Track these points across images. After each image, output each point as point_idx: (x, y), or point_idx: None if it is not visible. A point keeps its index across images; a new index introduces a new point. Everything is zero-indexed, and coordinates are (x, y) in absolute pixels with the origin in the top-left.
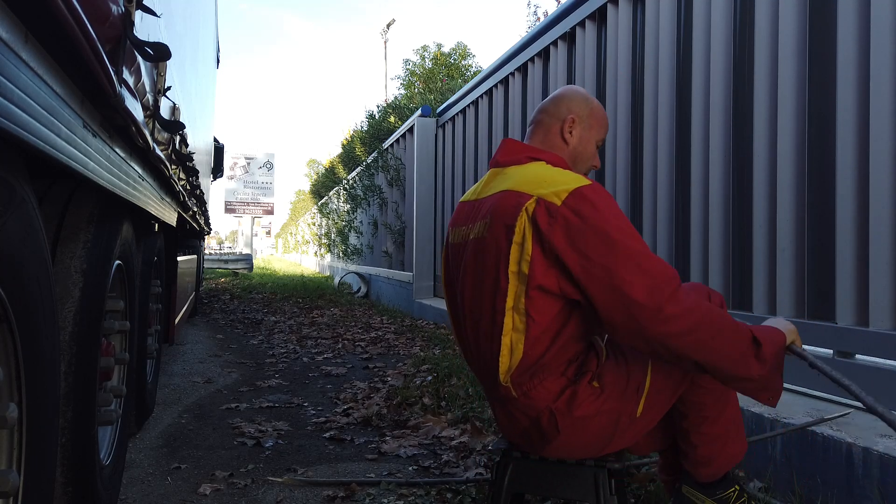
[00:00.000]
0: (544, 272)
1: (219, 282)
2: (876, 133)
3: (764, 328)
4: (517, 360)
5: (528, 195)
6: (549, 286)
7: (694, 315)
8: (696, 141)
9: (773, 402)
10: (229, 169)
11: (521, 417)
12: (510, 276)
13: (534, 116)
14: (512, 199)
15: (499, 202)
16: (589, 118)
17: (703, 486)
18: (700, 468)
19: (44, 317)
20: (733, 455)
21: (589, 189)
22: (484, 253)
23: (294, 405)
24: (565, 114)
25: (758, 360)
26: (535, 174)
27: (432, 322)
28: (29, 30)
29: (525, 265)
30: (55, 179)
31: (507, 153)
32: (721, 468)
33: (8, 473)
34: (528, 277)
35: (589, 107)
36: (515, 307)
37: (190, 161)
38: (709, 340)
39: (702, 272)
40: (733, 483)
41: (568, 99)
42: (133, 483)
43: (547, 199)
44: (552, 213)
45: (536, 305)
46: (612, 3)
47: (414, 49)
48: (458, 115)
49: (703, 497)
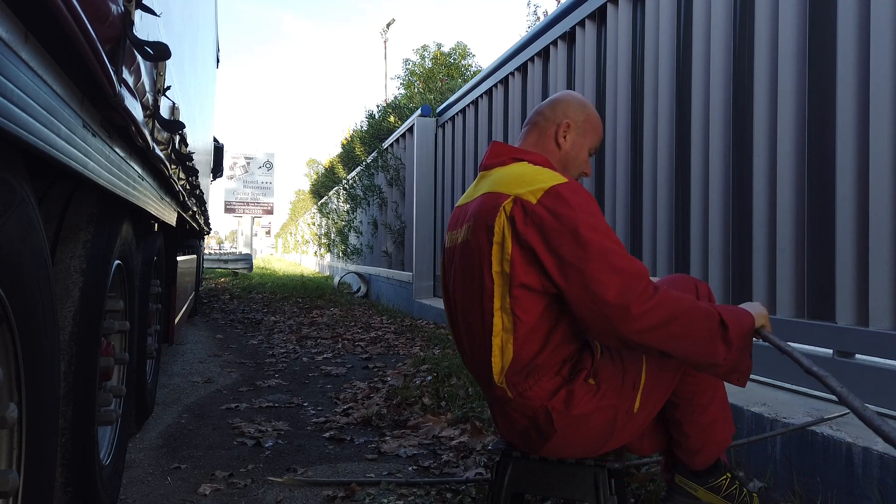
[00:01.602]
0: (525, 270)
1: (218, 282)
2: (876, 133)
3: (733, 309)
4: (509, 360)
5: (507, 195)
6: (531, 284)
7: (663, 310)
8: (696, 141)
9: (743, 383)
10: (229, 169)
11: (519, 417)
12: (494, 277)
13: (529, 117)
14: (492, 199)
15: (480, 204)
16: (584, 124)
17: (695, 475)
18: (693, 456)
19: (44, 317)
20: (723, 440)
21: (564, 187)
22: (470, 255)
23: (294, 405)
24: (561, 118)
25: (725, 343)
26: (514, 174)
27: (432, 322)
28: (29, 30)
29: (507, 265)
30: (55, 179)
31: (493, 155)
32: (713, 454)
33: (8, 473)
34: (511, 276)
35: (585, 113)
36: (503, 307)
37: (190, 161)
38: (678, 333)
39: (702, 272)
40: (724, 471)
41: (565, 104)
42: (133, 483)
43: (523, 197)
44: (528, 211)
45: (522, 304)
46: (612, 3)
47: (414, 49)
48: (458, 114)
49: (695, 486)
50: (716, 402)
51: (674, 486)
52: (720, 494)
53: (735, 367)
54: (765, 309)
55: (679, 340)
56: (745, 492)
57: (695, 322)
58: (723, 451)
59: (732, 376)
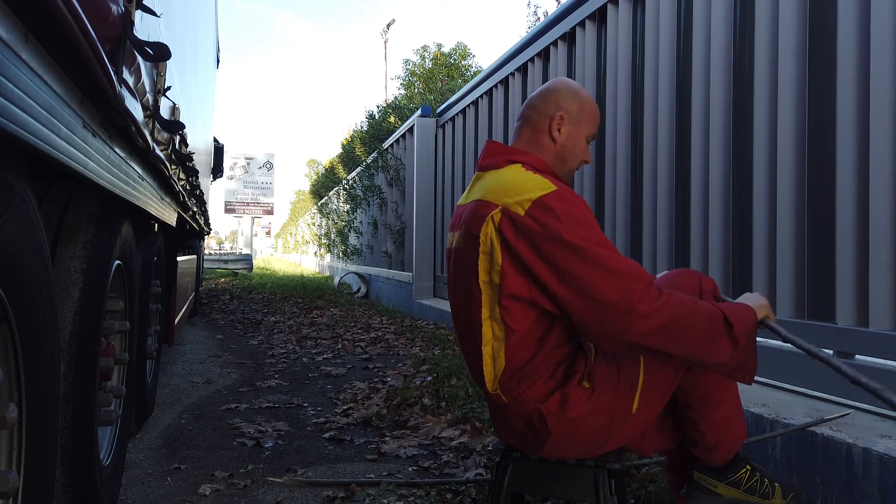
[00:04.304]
0: (515, 281)
1: (218, 282)
2: (876, 133)
3: (735, 306)
4: (501, 367)
5: (495, 205)
6: (521, 294)
7: (667, 311)
8: (696, 141)
9: (749, 380)
10: (229, 169)
11: (515, 421)
12: (482, 286)
13: (522, 111)
14: (480, 209)
15: (471, 212)
16: (578, 114)
17: (714, 471)
18: (711, 453)
19: (44, 317)
20: (739, 435)
21: (552, 197)
22: (462, 262)
23: (294, 405)
24: (553, 111)
25: (731, 341)
26: (504, 181)
27: (432, 322)
28: (29, 30)
29: (496, 275)
30: (55, 179)
31: (488, 156)
32: (731, 450)
33: (8, 473)
34: (500, 287)
35: (578, 101)
36: (492, 316)
37: (190, 161)
38: (682, 333)
39: (702, 272)
40: (744, 464)
41: (556, 94)
42: (133, 483)
43: (511, 209)
44: (516, 223)
45: (512, 314)
46: (612, 4)
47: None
48: (458, 115)
49: (714, 482)
50: (728, 398)
51: (693, 483)
52: (741, 488)
53: (741, 364)
54: (764, 298)
55: (684, 341)
56: (767, 482)
57: (699, 323)
58: (740, 444)
59: (739, 373)
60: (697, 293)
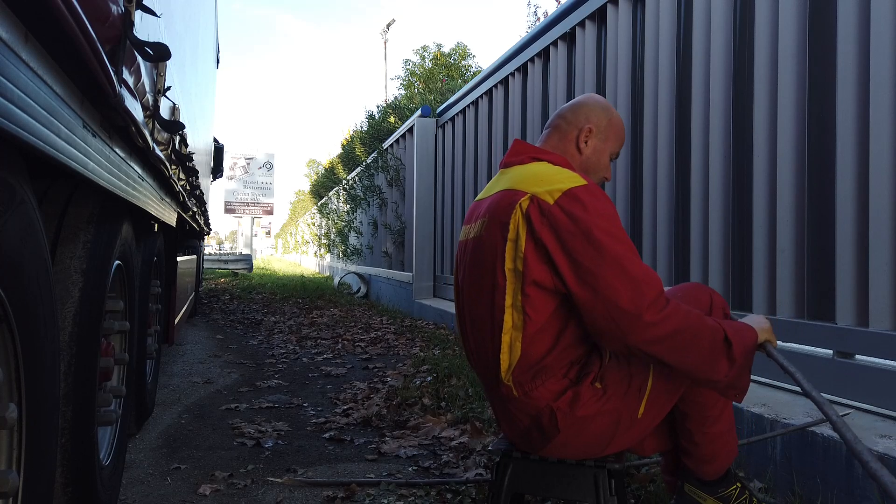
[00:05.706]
0: (538, 268)
1: (218, 282)
2: (876, 133)
3: (737, 326)
4: (516, 358)
5: (524, 192)
6: (543, 282)
7: (672, 322)
8: (696, 141)
9: (739, 399)
10: (229, 169)
11: (522, 417)
12: (507, 274)
13: (551, 120)
14: (508, 196)
15: (497, 201)
16: (606, 130)
17: (705, 484)
18: (705, 466)
19: (44, 317)
20: (732, 450)
21: (582, 190)
22: (482, 251)
23: (294, 405)
24: (583, 123)
25: (728, 360)
26: (533, 173)
27: (432, 322)
28: (29, 30)
29: (520, 262)
30: (55, 179)
31: (514, 153)
32: (724, 464)
33: (8, 474)
34: (524, 274)
35: (608, 118)
36: (514, 304)
37: (190, 161)
38: (684, 346)
39: (702, 272)
40: (734, 481)
41: (588, 108)
42: (133, 483)
43: (540, 196)
44: (544, 211)
45: (533, 302)
46: (612, 4)
47: (414, 49)
48: (458, 115)
49: (704, 495)
50: (726, 413)
51: (683, 496)
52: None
53: (734, 383)
54: (768, 322)
55: (683, 353)
56: (756, 501)
57: (701, 337)
58: (732, 459)
59: (730, 392)
60: (707, 309)
